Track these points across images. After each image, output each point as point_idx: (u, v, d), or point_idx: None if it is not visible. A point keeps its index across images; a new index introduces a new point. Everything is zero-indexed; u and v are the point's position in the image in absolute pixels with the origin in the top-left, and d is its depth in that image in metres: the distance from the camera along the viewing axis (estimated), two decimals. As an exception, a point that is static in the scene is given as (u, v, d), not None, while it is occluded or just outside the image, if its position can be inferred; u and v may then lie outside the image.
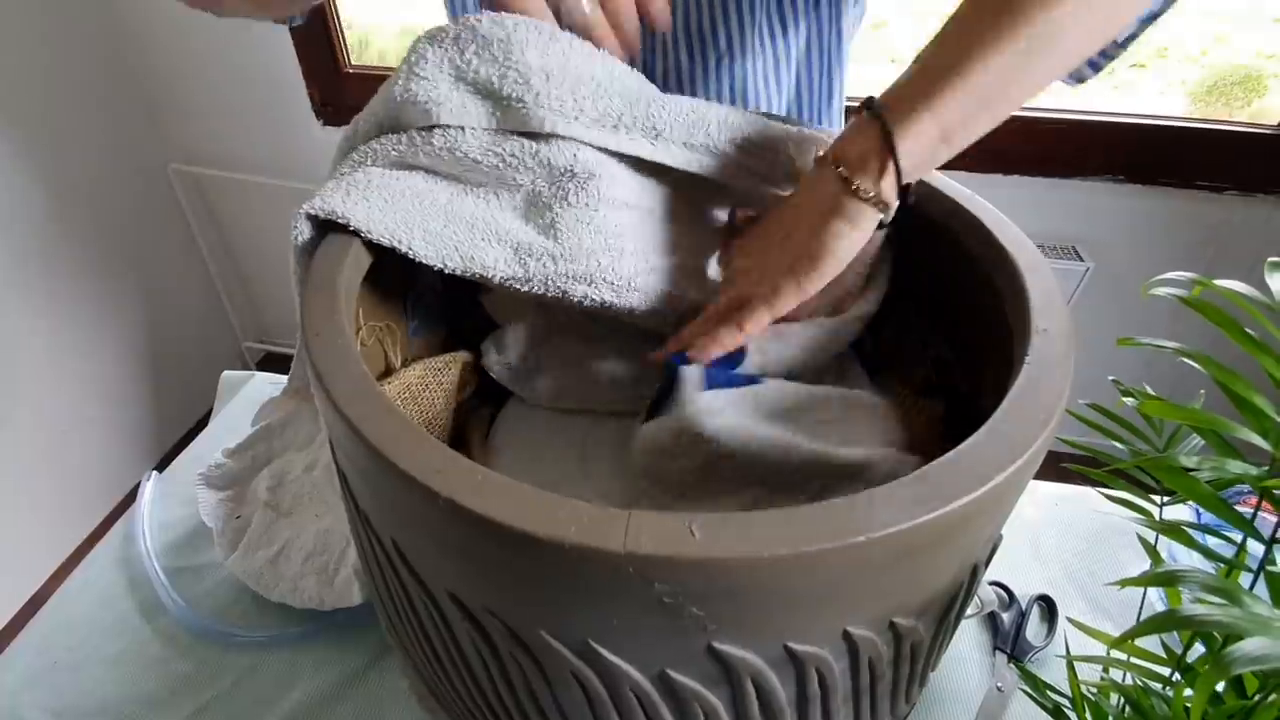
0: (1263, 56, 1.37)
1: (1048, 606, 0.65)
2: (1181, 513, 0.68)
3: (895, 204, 0.36)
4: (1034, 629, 0.64)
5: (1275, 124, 1.30)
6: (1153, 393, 0.37)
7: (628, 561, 0.22)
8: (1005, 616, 0.64)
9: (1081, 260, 1.38)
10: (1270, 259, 0.35)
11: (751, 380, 0.35)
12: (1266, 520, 0.52)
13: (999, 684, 0.60)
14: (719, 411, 0.31)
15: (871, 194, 0.35)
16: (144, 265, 1.59)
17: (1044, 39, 0.33)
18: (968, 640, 0.63)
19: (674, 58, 0.55)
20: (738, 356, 0.36)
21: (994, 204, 0.41)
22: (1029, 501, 0.75)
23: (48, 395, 1.41)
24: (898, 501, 0.24)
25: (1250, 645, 0.21)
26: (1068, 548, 0.71)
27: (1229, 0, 1.39)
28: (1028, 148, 1.33)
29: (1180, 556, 0.66)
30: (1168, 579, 0.25)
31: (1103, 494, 0.42)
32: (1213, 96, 1.41)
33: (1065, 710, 0.40)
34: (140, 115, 1.55)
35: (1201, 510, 0.65)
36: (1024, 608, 0.64)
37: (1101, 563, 0.69)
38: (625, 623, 0.24)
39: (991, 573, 0.67)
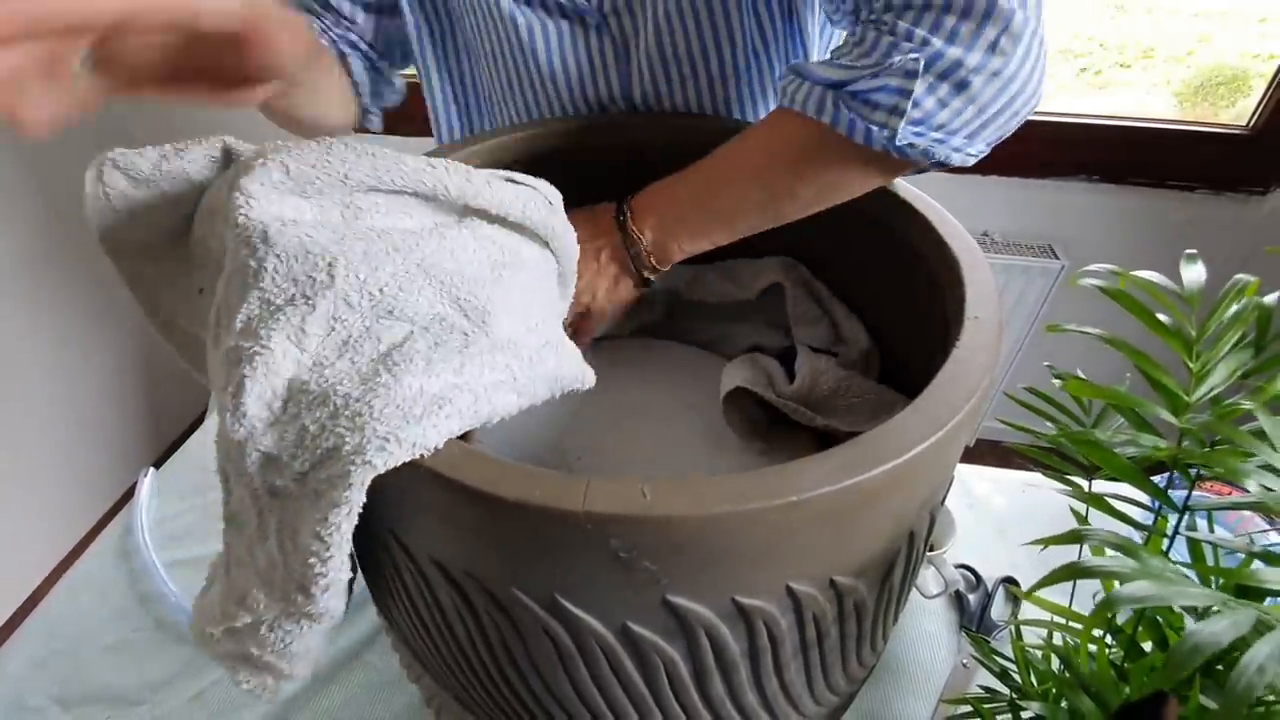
0: (1248, 56, 1.38)
1: (1012, 588, 0.68)
2: (1125, 491, 0.71)
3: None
4: (999, 609, 0.67)
5: (1244, 124, 1.34)
6: (1083, 376, 0.40)
7: (586, 519, 0.25)
8: (972, 597, 0.67)
9: (1057, 258, 1.41)
10: (1187, 250, 0.39)
11: None
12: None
13: (964, 660, 0.63)
14: None
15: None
16: (139, 269, 1.61)
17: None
18: (936, 620, 0.66)
19: (658, 86, 0.56)
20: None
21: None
22: (996, 489, 0.78)
23: (45, 396, 1.42)
24: (828, 466, 0.26)
25: (1131, 588, 0.23)
26: (1031, 532, 0.73)
27: (1216, 0, 1.41)
28: (1004, 149, 1.35)
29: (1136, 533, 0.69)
30: (1076, 536, 0.28)
31: (1041, 472, 0.45)
32: (1198, 96, 1.43)
33: (1011, 673, 0.43)
34: (137, 118, 1.57)
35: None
36: (989, 589, 0.67)
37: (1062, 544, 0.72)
38: (587, 577, 0.27)
39: (960, 556, 0.70)
